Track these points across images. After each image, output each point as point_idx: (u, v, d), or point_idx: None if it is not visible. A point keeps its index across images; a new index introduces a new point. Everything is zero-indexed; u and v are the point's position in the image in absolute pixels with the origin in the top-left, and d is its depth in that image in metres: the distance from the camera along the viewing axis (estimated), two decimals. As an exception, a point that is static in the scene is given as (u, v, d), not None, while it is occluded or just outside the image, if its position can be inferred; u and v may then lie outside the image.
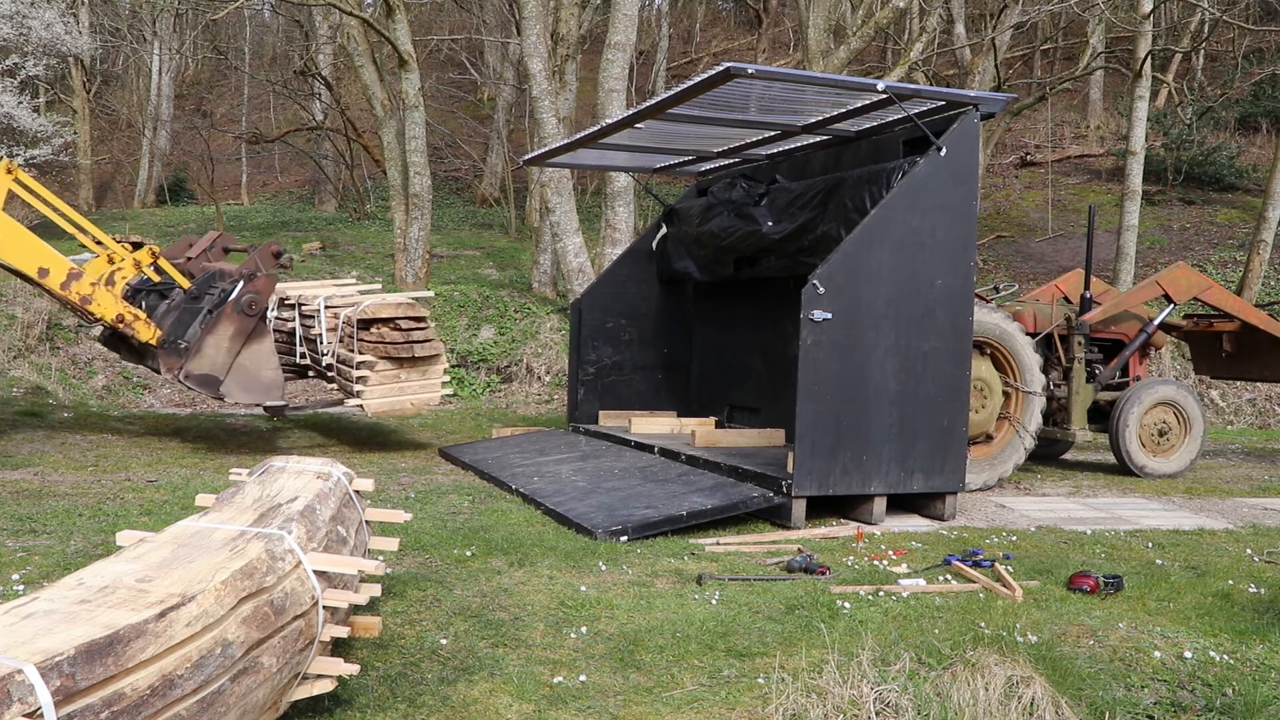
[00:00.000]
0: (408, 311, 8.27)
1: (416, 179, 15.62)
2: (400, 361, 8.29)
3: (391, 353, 8.18)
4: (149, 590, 2.32)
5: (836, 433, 6.01)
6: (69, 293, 7.73)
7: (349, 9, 15.50)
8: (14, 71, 19.98)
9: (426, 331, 8.42)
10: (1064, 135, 25.34)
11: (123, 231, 17.50)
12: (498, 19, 27.69)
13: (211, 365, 7.87)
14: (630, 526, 5.54)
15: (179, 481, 6.96)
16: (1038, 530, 6.18)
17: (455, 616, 3.99)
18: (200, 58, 34.73)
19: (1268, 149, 21.32)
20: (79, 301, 7.78)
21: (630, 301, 9.63)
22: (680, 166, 9.41)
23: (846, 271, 6.01)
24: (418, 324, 8.33)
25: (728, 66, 5.78)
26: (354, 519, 3.74)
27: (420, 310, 8.40)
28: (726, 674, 3.48)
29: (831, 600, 4.33)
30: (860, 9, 17.02)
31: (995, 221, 21.14)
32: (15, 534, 5.18)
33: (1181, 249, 18.56)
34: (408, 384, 8.40)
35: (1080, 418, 8.79)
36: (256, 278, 8.09)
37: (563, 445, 8.30)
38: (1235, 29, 23.12)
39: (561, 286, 15.85)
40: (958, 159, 6.38)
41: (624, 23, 13.11)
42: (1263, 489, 8.20)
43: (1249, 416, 14.00)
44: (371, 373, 8.19)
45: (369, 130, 24.02)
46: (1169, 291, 9.05)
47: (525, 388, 13.53)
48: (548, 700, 3.24)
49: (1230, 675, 3.64)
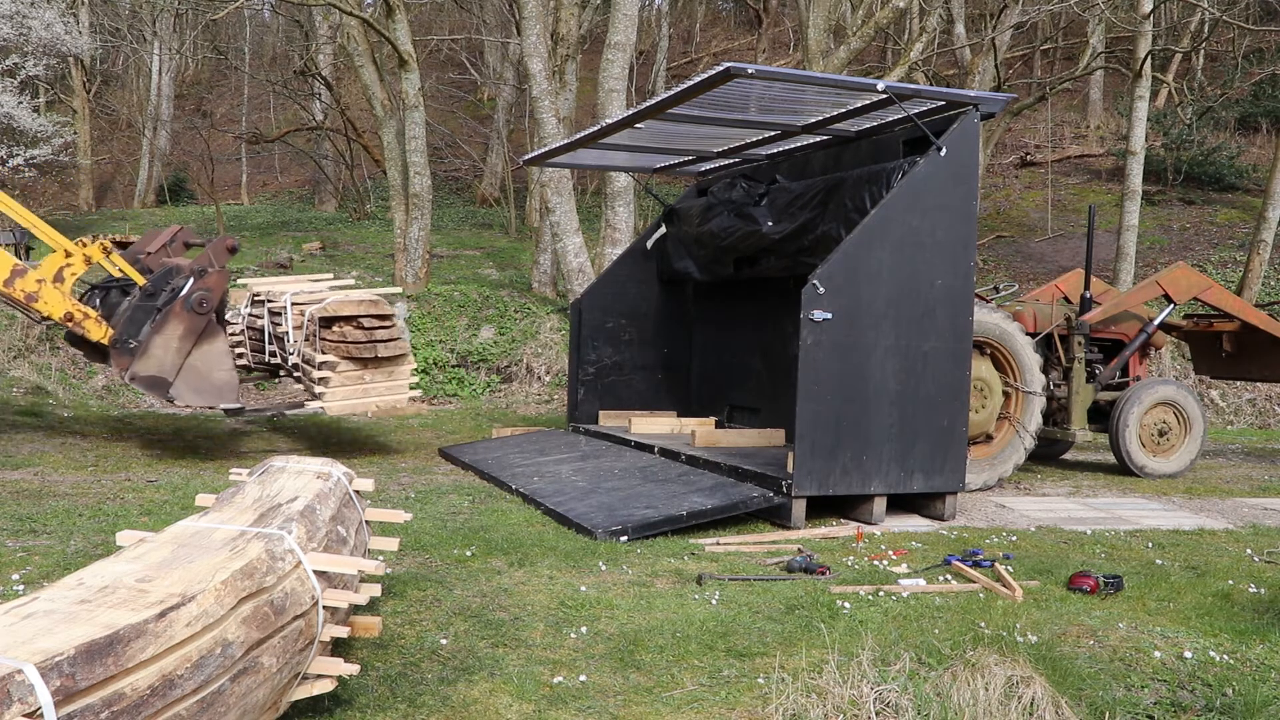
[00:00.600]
0: (370, 309, 7.92)
1: (416, 179, 15.62)
2: (364, 362, 7.95)
3: (354, 352, 7.85)
4: (149, 590, 2.32)
5: (836, 433, 6.01)
6: (13, 290, 7.38)
7: (349, 9, 15.50)
8: (14, 71, 19.98)
9: (391, 330, 8.07)
10: (1064, 135, 25.34)
11: (123, 231, 17.51)
12: (498, 19, 27.69)
13: (159, 366, 7.48)
14: (630, 526, 5.54)
15: (179, 481, 6.96)
16: (1038, 530, 6.18)
17: (455, 616, 4.00)
18: (200, 58, 34.73)
19: (1268, 149, 21.32)
20: (24, 299, 7.44)
21: (630, 301, 9.63)
22: (680, 166, 9.41)
23: (846, 271, 6.01)
24: (382, 322, 7.99)
25: (728, 66, 5.78)
26: (354, 519, 3.75)
27: (384, 308, 8.05)
28: (726, 674, 3.48)
29: (831, 600, 4.33)
30: (860, 9, 17.02)
31: (995, 221, 21.13)
32: (15, 534, 5.18)
33: (1181, 249, 18.56)
34: (372, 385, 8.07)
35: (1080, 418, 8.79)
36: (208, 274, 7.67)
37: (563, 445, 8.29)
38: (1235, 29, 23.12)
39: (561, 286, 15.85)
40: (958, 159, 6.38)
41: (624, 23, 13.12)
42: (1263, 489, 8.20)
43: (1249, 416, 14.00)
44: (333, 373, 7.87)
45: (369, 130, 24.02)
46: (1169, 291, 9.05)
47: (525, 388, 13.53)
48: (548, 700, 3.24)
49: (1230, 675, 3.64)
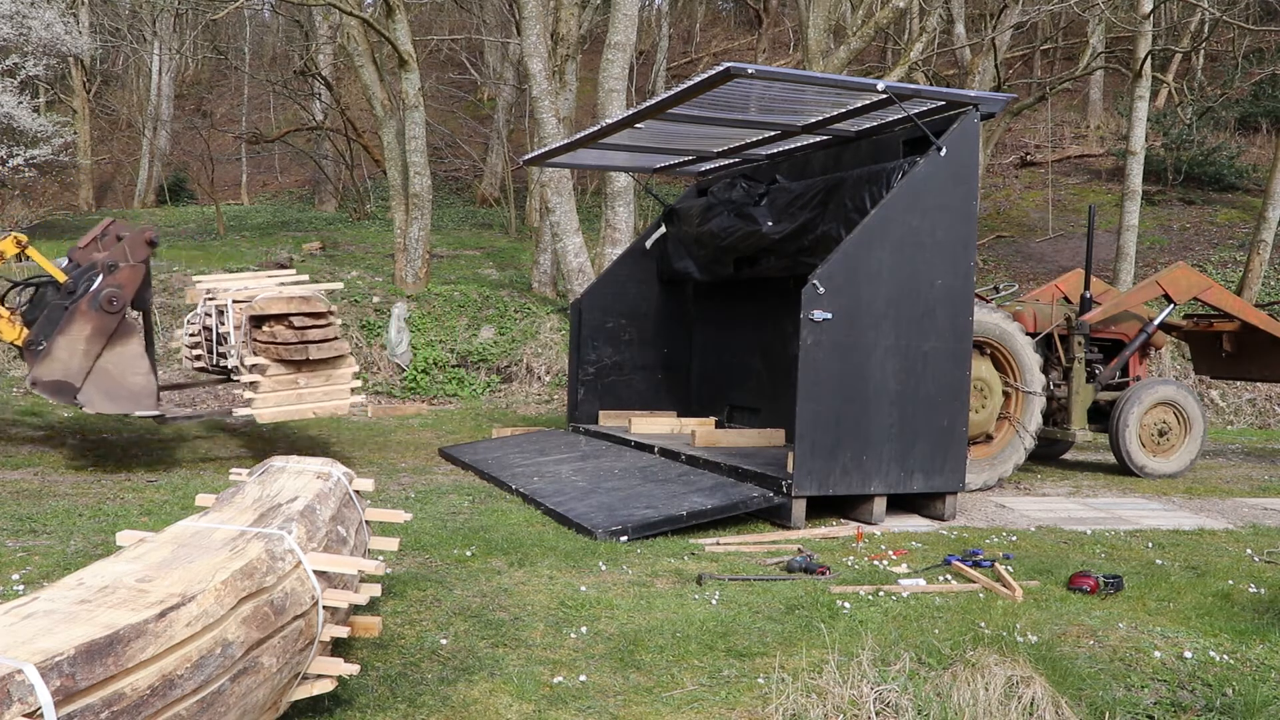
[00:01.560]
0: (302, 307, 7.26)
1: (416, 179, 15.61)
2: (297, 364, 7.32)
3: (284, 354, 7.21)
4: (149, 590, 2.32)
5: (836, 433, 6.01)
6: None
7: (349, 9, 15.50)
8: (14, 71, 19.96)
9: (326, 330, 7.40)
10: (1064, 135, 25.33)
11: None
12: (498, 19, 27.68)
13: (65, 370, 6.87)
14: (630, 526, 5.54)
15: (179, 481, 6.96)
16: (1038, 530, 6.18)
17: (455, 616, 4.00)
18: (200, 58, 34.72)
19: (1268, 149, 21.32)
20: None
21: (630, 301, 9.63)
22: (680, 166, 9.41)
23: (846, 271, 6.01)
24: (315, 321, 7.32)
25: (728, 66, 5.78)
26: (354, 519, 3.75)
27: (317, 305, 7.36)
28: (726, 674, 3.48)
29: (831, 600, 4.33)
30: (860, 9, 17.01)
31: (995, 221, 21.13)
32: (15, 534, 5.18)
33: (1181, 249, 18.55)
34: (308, 390, 7.41)
35: (1080, 418, 8.79)
36: (118, 269, 7.06)
37: (563, 445, 8.29)
38: (1235, 29, 23.12)
39: (561, 286, 15.85)
40: (958, 159, 6.38)
41: (624, 23, 13.12)
42: (1263, 489, 8.20)
43: (1249, 416, 14.00)
44: (263, 377, 7.22)
45: (369, 130, 24.01)
46: (1169, 291, 9.05)
47: (525, 388, 13.54)
48: (548, 700, 3.24)
49: (1230, 675, 3.64)
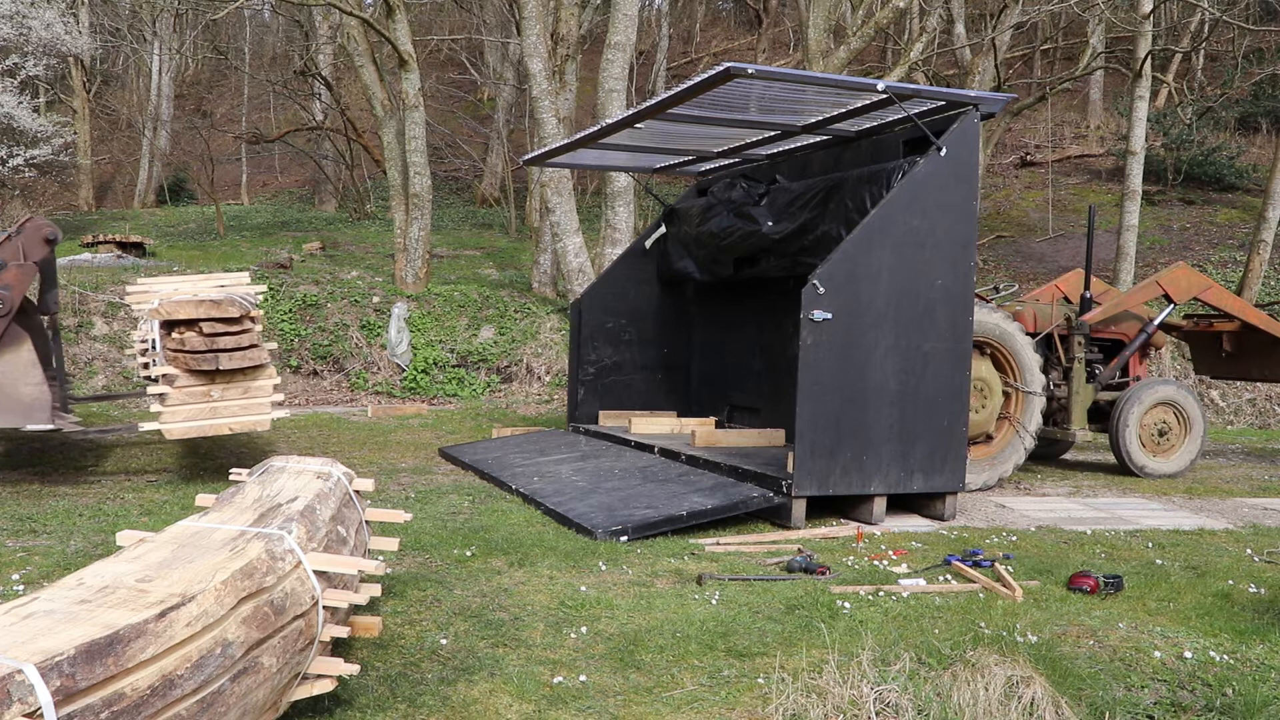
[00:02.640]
0: (212, 312, 6.51)
1: (416, 179, 15.61)
2: (209, 375, 6.61)
3: (192, 364, 6.53)
4: (149, 590, 2.32)
5: (836, 433, 6.01)
6: None
7: (349, 9, 15.49)
8: (14, 71, 19.96)
9: (240, 337, 6.62)
10: (1064, 135, 25.34)
11: (123, 232, 17.51)
12: (498, 19, 27.67)
13: None
14: (630, 526, 5.54)
15: (179, 481, 6.97)
16: (1038, 530, 6.18)
17: (455, 616, 4.00)
18: (200, 58, 34.70)
19: (1268, 149, 21.32)
20: None
21: (630, 301, 9.63)
22: (680, 166, 9.41)
23: (846, 271, 6.01)
24: (226, 327, 6.57)
25: (728, 66, 5.78)
26: (354, 519, 3.75)
27: (229, 310, 6.58)
28: (726, 674, 3.48)
29: (831, 600, 4.33)
30: (860, 9, 17.01)
31: (995, 221, 21.13)
32: (15, 534, 5.18)
33: (1181, 249, 18.55)
34: (223, 403, 6.71)
35: (1080, 418, 8.79)
36: (6, 269, 6.50)
37: (563, 445, 8.29)
38: (1235, 29, 23.11)
39: (561, 286, 15.84)
40: (958, 159, 6.38)
41: (624, 23, 13.12)
42: (1263, 489, 8.20)
43: (1249, 416, 14.00)
44: (171, 388, 6.56)
45: (369, 130, 24.01)
46: (1169, 291, 9.05)
47: (525, 388, 13.54)
48: (548, 700, 3.24)
49: (1230, 675, 3.64)
